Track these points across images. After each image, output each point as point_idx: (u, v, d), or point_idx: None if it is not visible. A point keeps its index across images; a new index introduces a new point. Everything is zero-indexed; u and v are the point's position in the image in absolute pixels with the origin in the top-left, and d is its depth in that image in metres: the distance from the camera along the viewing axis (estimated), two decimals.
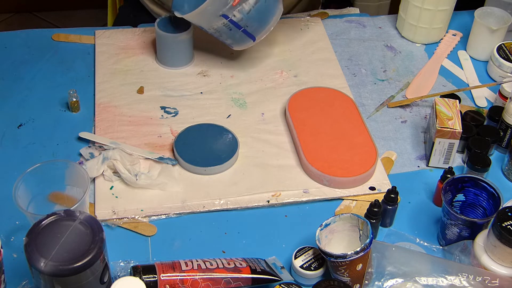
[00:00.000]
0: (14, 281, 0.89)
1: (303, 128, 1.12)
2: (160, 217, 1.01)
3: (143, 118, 1.17)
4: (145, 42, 1.33)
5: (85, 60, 1.30)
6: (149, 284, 0.83)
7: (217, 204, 1.03)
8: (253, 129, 1.16)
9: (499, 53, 1.28)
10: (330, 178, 1.05)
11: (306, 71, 1.30)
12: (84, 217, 0.81)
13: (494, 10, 1.35)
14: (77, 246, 0.78)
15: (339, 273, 0.88)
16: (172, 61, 1.27)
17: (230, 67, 1.30)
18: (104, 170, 1.04)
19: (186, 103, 1.21)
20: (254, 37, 1.21)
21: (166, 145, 1.12)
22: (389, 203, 0.99)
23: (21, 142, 1.12)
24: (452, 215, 0.93)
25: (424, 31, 1.37)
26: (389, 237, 0.99)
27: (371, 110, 1.23)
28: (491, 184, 0.95)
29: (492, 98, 1.26)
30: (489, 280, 0.86)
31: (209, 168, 1.06)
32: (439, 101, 1.11)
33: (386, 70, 1.32)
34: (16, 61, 1.29)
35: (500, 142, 1.14)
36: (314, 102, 1.18)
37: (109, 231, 0.98)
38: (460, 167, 1.12)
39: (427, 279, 0.87)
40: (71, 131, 1.14)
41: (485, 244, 0.90)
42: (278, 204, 1.04)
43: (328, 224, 0.91)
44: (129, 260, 0.90)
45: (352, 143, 1.10)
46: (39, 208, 0.94)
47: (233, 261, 0.90)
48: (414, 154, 1.14)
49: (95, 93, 1.21)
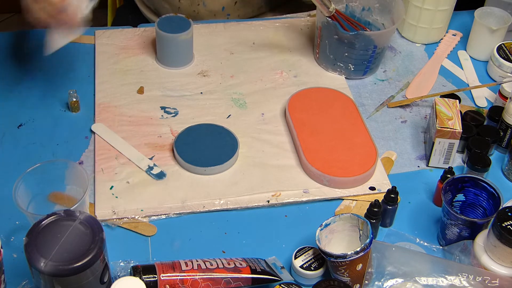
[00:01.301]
0: (14, 281, 0.89)
1: (303, 128, 1.12)
2: (160, 217, 1.01)
3: (143, 118, 1.17)
4: (145, 42, 1.33)
5: (85, 60, 1.30)
6: (149, 284, 0.83)
7: (217, 204, 1.03)
8: (253, 129, 1.16)
9: (499, 53, 1.28)
10: (330, 178, 1.05)
11: (306, 71, 1.30)
12: (84, 217, 0.81)
13: (494, 10, 1.35)
14: (77, 246, 0.78)
15: (339, 273, 0.88)
16: (172, 61, 1.27)
17: (230, 67, 1.30)
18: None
19: (186, 103, 1.20)
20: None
21: (166, 145, 1.12)
22: (389, 203, 0.99)
23: (21, 142, 1.12)
24: (452, 215, 0.93)
25: (424, 31, 1.37)
26: (389, 237, 0.99)
27: (371, 110, 1.23)
28: (491, 184, 0.95)
29: (492, 98, 1.26)
30: (489, 280, 0.86)
31: (209, 168, 1.06)
32: (439, 101, 1.11)
33: (386, 70, 1.32)
34: (16, 61, 1.29)
35: (500, 142, 1.14)
36: (314, 102, 1.18)
37: (109, 231, 0.98)
38: (460, 167, 1.12)
39: (427, 279, 0.87)
40: (71, 131, 1.14)
41: (485, 244, 0.90)
42: (278, 204, 1.04)
43: (328, 224, 0.91)
44: (129, 260, 0.90)
45: (352, 143, 1.10)
46: (39, 208, 0.94)
47: (233, 261, 0.90)
48: (414, 154, 1.14)
49: (95, 93, 1.21)
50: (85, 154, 1.10)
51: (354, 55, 1.24)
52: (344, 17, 1.25)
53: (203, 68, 1.29)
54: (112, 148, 1.10)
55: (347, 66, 1.27)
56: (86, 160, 1.09)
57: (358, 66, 1.27)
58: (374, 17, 1.32)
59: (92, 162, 1.08)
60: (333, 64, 1.28)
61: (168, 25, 1.24)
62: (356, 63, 1.26)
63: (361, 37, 1.21)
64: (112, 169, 1.07)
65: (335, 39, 1.24)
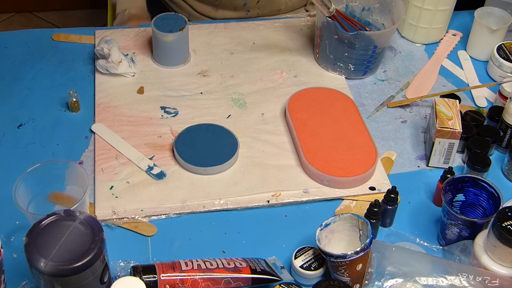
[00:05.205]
0: (14, 281, 0.89)
1: (303, 128, 1.12)
2: (160, 217, 1.01)
3: (143, 118, 1.17)
4: (144, 42, 1.33)
5: (85, 60, 1.30)
6: (149, 284, 0.83)
7: (217, 204, 1.03)
8: (253, 129, 1.16)
9: (499, 53, 1.28)
10: (330, 178, 1.05)
11: (306, 71, 1.30)
12: (84, 217, 0.81)
13: (494, 10, 1.35)
14: (77, 246, 0.78)
15: (339, 273, 0.88)
16: (166, 59, 1.27)
17: (230, 67, 1.30)
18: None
19: (186, 103, 1.21)
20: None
21: (166, 145, 1.12)
22: (389, 203, 0.99)
23: (21, 142, 1.12)
24: (452, 215, 0.93)
25: (424, 31, 1.37)
26: (389, 237, 0.99)
27: (371, 110, 1.23)
28: (491, 184, 0.95)
29: (492, 98, 1.26)
30: (489, 280, 0.86)
31: (209, 168, 1.06)
32: (439, 101, 1.11)
33: (386, 70, 1.32)
34: (16, 61, 1.29)
35: (500, 142, 1.14)
36: (314, 102, 1.18)
37: (109, 231, 0.98)
38: (460, 167, 1.12)
39: (427, 279, 0.87)
40: (71, 131, 1.14)
41: (485, 244, 0.90)
42: (278, 204, 1.04)
43: (328, 224, 0.91)
44: (129, 260, 0.90)
45: (352, 143, 1.10)
46: (39, 208, 0.94)
47: (233, 261, 0.90)
48: (414, 154, 1.14)
49: (95, 93, 1.22)
50: (85, 154, 1.10)
51: (354, 55, 1.24)
52: (344, 17, 1.26)
53: (203, 68, 1.29)
54: (112, 148, 1.10)
55: (347, 66, 1.27)
56: (86, 160, 1.09)
57: (358, 66, 1.27)
58: (374, 17, 1.32)
59: (92, 162, 1.08)
60: (333, 64, 1.28)
61: (163, 23, 1.24)
62: (356, 63, 1.26)
63: (361, 37, 1.21)
64: (112, 169, 1.07)
65: (335, 39, 1.24)
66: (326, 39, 1.25)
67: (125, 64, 1.22)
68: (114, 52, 1.21)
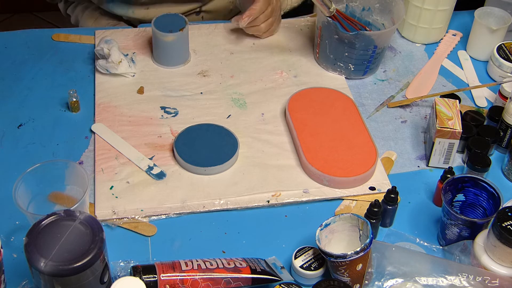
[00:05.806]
0: (14, 281, 0.89)
1: (303, 128, 1.12)
2: (160, 217, 1.01)
3: (143, 118, 1.17)
4: (144, 42, 1.33)
5: (85, 60, 1.30)
6: (149, 284, 0.83)
7: (217, 204, 1.03)
8: (253, 129, 1.16)
9: (499, 53, 1.28)
10: (330, 178, 1.05)
11: (306, 71, 1.30)
12: (84, 217, 0.81)
13: (494, 10, 1.35)
14: (77, 246, 0.78)
15: (339, 273, 0.88)
16: (166, 59, 1.27)
17: (230, 67, 1.30)
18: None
19: (186, 103, 1.21)
20: None
21: (166, 145, 1.12)
22: (389, 203, 0.99)
23: (21, 142, 1.12)
24: (452, 215, 0.93)
25: (424, 31, 1.37)
26: (389, 237, 0.99)
27: (371, 110, 1.23)
28: (491, 184, 0.95)
29: (492, 98, 1.26)
30: (489, 280, 0.86)
31: (209, 168, 1.06)
32: (439, 101, 1.11)
33: (386, 70, 1.32)
34: (16, 61, 1.29)
35: (500, 142, 1.14)
36: (314, 102, 1.18)
37: (109, 231, 0.98)
38: (460, 167, 1.12)
39: (427, 279, 0.87)
40: (71, 131, 1.14)
41: (485, 244, 0.90)
42: (278, 204, 1.04)
43: (328, 224, 0.91)
44: (129, 260, 0.90)
45: (352, 143, 1.10)
46: (39, 208, 0.94)
47: (233, 261, 0.90)
48: (414, 154, 1.14)
49: (95, 93, 1.22)
50: (85, 154, 1.10)
51: (354, 55, 1.24)
52: (345, 17, 1.26)
53: (203, 68, 1.29)
54: (112, 148, 1.10)
55: (347, 66, 1.27)
56: (86, 160, 1.09)
57: (358, 66, 1.27)
58: (374, 17, 1.32)
59: (92, 162, 1.08)
60: (333, 64, 1.28)
61: (164, 23, 1.24)
62: (356, 63, 1.26)
63: (361, 37, 1.21)
64: (112, 169, 1.07)
65: (335, 39, 1.24)
66: (326, 39, 1.25)
67: (125, 64, 1.22)
68: (114, 52, 1.21)
